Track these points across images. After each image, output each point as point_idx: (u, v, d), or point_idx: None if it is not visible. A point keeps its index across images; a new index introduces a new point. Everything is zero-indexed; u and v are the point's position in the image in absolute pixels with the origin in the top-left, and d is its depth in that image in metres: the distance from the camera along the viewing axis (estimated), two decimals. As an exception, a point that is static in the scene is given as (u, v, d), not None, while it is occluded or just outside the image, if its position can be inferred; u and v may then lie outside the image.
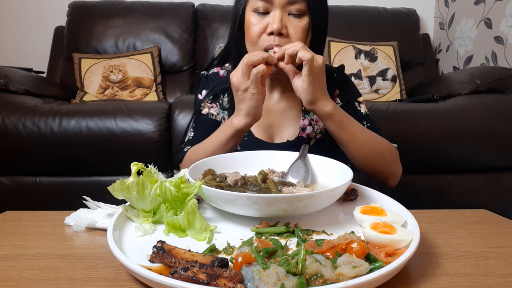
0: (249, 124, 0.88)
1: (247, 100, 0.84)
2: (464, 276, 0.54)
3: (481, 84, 1.76)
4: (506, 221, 0.77)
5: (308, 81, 0.83)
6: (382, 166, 0.96)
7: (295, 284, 0.46)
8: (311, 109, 0.87)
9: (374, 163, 0.95)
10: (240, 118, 0.87)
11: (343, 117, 0.89)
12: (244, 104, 0.85)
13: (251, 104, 0.84)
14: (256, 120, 0.88)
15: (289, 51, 0.83)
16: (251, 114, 0.86)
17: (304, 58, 0.80)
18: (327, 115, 0.87)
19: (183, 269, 0.47)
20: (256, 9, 0.94)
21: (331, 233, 0.65)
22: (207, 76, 1.13)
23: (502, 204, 1.73)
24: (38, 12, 2.69)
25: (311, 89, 0.83)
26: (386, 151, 0.97)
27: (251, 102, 0.84)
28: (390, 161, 0.98)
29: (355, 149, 0.92)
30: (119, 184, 0.67)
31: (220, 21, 2.51)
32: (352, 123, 0.92)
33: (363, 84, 2.33)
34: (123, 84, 2.29)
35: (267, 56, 0.83)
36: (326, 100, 0.87)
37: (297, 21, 0.94)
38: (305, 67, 0.81)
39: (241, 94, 0.85)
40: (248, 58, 0.82)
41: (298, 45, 0.82)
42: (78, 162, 1.64)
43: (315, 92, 0.84)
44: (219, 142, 0.92)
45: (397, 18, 2.59)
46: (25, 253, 0.62)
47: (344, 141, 0.91)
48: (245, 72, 0.82)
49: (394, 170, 0.99)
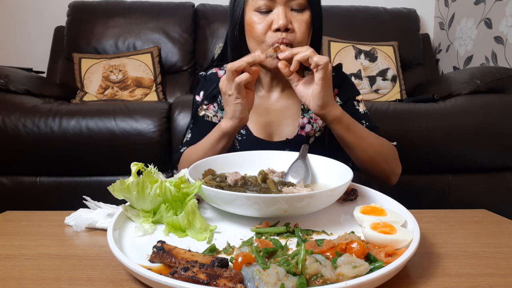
0: (234, 127, 0.89)
1: (231, 104, 0.86)
2: (464, 276, 0.55)
3: (481, 84, 1.76)
4: (506, 221, 0.77)
5: (321, 85, 0.83)
6: (384, 166, 0.98)
7: (295, 284, 0.46)
8: (321, 114, 0.87)
9: (377, 163, 0.96)
10: (226, 121, 0.89)
11: (350, 121, 0.91)
12: (229, 108, 0.88)
13: (236, 108, 0.86)
14: (241, 123, 0.89)
15: (299, 57, 0.83)
16: (236, 117, 0.88)
17: (321, 62, 0.81)
18: (337, 119, 0.88)
19: (183, 269, 0.47)
20: (258, 8, 0.94)
21: (331, 233, 0.65)
22: (205, 77, 1.13)
23: (502, 204, 1.73)
24: (38, 12, 2.68)
25: (323, 94, 0.84)
26: (388, 151, 0.98)
27: (236, 106, 0.86)
28: (391, 160, 0.99)
29: (360, 151, 0.94)
30: (119, 184, 0.67)
31: (220, 21, 2.51)
32: (358, 125, 0.93)
33: (363, 84, 2.33)
34: (123, 84, 2.29)
35: (251, 60, 0.84)
36: (335, 104, 0.88)
37: (300, 15, 0.95)
38: (320, 71, 0.82)
39: (227, 98, 0.87)
40: (232, 64, 0.84)
41: (308, 51, 0.82)
42: (78, 162, 1.64)
43: (326, 97, 0.85)
44: (209, 144, 0.94)
45: (397, 18, 2.59)
46: (25, 253, 0.62)
47: (350, 143, 0.92)
48: (229, 78, 0.84)
49: (394, 169, 1.00)
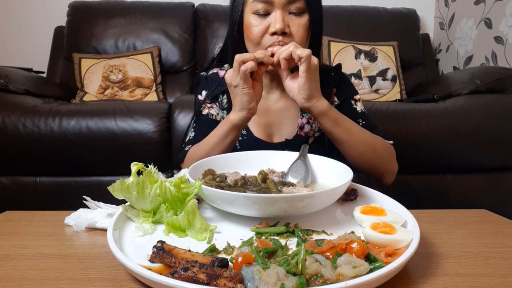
0: (244, 118, 0.90)
1: (239, 95, 0.88)
2: (464, 276, 0.55)
3: (481, 84, 1.76)
4: (506, 221, 0.77)
5: (305, 77, 0.85)
6: (377, 163, 0.97)
7: (295, 284, 0.46)
8: (307, 107, 0.89)
9: (369, 160, 0.96)
10: (235, 113, 0.90)
11: (338, 115, 0.91)
12: (237, 99, 0.89)
13: (243, 99, 0.87)
14: (251, 114, 0.90)
15: (283, 55, 0.86)
16: (244, 109, 0.89)
17: (303, 55, 0.82)
18: (322, 113, 0.89)
19: (183, 269, 0.47)
20: (256, 11, 0.94)
21: (331, 233, 0.65)
22: (206, 77, 1.13)
23: (502, 204, 1.72)
24: (38, 12, 2.68)
25: (308, 85, 0.86)
26: (381, 148, 0.98)
27: (243, 97, 0.87)
28: (385, 158, 0.99)
29: (350, 146, 0.94)
30: (119, 184, 0.67)
31: (220, 21, 2.51)
32: (347, 120, 0.93)
33: (363, 84, 2.33)
34: (123, 84, 2.29)
35: (260, 57, 0.86)
36: (321, 98, 0.89)
37: (298, 19, 0.95)
38: (303, 63, 0.83)
39: (233, 90, 0.89)
40: (240, 55, 0.85)
41: (291, 46, 0.85)
42: (78, 162, 1.64)
43: (311, 89, 0.86)
44: (217, 138, 0.94)
45: (397, 18, 2.59)
46: (25, 253, 0.62)
47: (339, 138, 0.92)
48: (236, 68, 0.86)
49: (389, 168, 1.00)
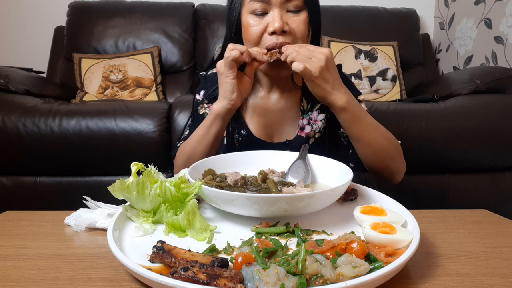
0: (224, 108, 0.90)
1: (223, 84, 0.89)
2: (464, 276, 0.55)
3: (481, 84, 1.76)
4: (506, 221, 0.77)
5: (309, 86, 0.87)
6: (389, 162, 0.97)
7: (295, 284, 0.46)
8: (326, 104, 0.90)
9: (382, 159, 0.96)
10: (218, 102, 0.92)
11: (357, 112, 0.90)
12: (221, 88, 0.91)
13: (226, 87, 0.89)
14: (232, 104, 0.90)
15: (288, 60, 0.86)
16: (226, 98, 0.89)
17: (298, 70, 0.83)
18: (340, 109, 0.89)
19: (183, 269, 0.47)
20: (254, 11, 0.93)
21: (331, 233, 0.65)
22: (205, 77, 1.14)
23: (502, 204, 1.72)
24: (38, 12, 2.68)
25: (316, 90, 0.88)
26: (394, 148, 0.98)
27: (226, 85, 0.89)
28: (396, 157, 0.98)
29: (365, 145, 0.94)
30: (119, 184, 0.67)
31: (220, 21, 2.51)
32: (365, 117, 0.92)
33: (363, 84, 2.33)
34: (123, 84, 2.29)
35: (255, 53, 0.88)
36: (339, 93, 0.88)
37: (297, 16, 0.94)
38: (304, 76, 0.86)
39: (219, 77, 0.91)
40: (233, 45, 0.87)
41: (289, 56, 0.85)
42: (78, 162, 1.64)
43: (321, 92, 0.87)
44: (202, 130, 0.95)
45: (397, 18, 2.59)
46: (25, 253, 0.62)
47: (355, 135, 0.93)
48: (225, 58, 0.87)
49: (399, 167, 1.00)
